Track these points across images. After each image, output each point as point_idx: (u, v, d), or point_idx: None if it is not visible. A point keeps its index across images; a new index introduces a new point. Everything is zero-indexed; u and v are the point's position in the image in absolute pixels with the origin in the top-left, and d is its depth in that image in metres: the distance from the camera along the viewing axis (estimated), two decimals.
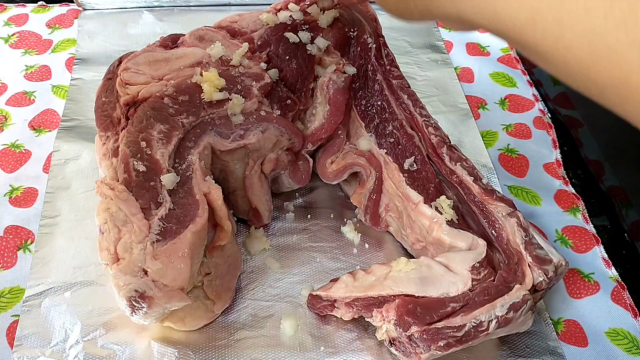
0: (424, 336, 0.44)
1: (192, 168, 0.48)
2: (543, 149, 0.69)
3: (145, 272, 0.43)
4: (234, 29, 0.59)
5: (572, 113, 0.70)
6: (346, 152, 0.57)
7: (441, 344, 0.44)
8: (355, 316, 0.49)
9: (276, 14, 0.58)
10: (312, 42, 0.56)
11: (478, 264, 0.47)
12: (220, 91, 0.50)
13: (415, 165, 0.54)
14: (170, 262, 0.43)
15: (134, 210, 0.44)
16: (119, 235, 0.44)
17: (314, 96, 0.57)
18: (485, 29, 0.32)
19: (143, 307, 0.43)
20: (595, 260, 0.59)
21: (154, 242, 0.43)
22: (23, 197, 0.59)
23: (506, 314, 0.45)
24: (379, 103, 0.57)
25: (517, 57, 0.79)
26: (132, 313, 0.44)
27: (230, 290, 0.51)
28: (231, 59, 0.53)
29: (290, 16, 0.57)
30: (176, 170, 0.47)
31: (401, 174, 0.53)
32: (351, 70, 0.57)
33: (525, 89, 0.75)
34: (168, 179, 0.46)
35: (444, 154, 0.54)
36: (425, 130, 0.55)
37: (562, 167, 0.67)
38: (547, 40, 0.28)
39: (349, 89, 0.56)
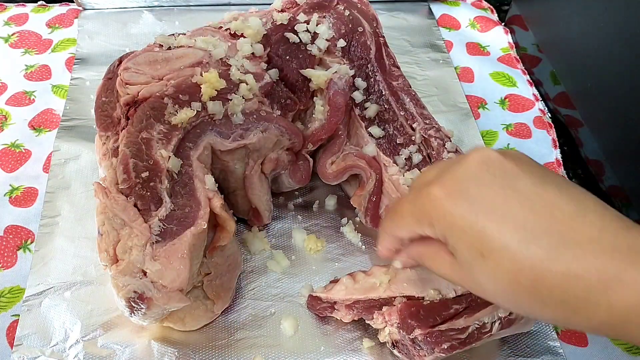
0: (428, 339, 0.44)
1: (192, 169, 0.48)
2: (543, 148, 0.69)
3: (145, 273, 0.43)
4: None
5: (572, 113, 0.70)
6: (346, 153, 0.56)
7: (445, 346, 0.44)
8: (356, 318, 0.49)
9: (280, 12, 0.58)
10: (312, 42, 0.56)
11: None
12: (217, 96, 0.50)
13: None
14: (169, 263, 0.43)
15: (132, 217, 0.44)
16: (117, 237, 0.44)
17: (314, 96, 0.57)
18: None
19: (142, 308, 0.43)
20: None
21: (153, 243, 0.43)
22: (23, 197, 0.59)
23: (509, 315, 0.45)
24: (380, 104, 0.57)
25: (517, 57, 0.79)
26: (131, 314, 0.44)
27: (230, 290, 0.51)
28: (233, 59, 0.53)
29: (291, 16, 0.57)
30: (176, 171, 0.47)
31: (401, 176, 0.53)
32: (351, 72, 0.56)
33: (525, 89, 0.75)
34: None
35: (445, 155, 0.54)
36: (426, 131, 0.55)
37: (562, 167, 0.67)
38: None
39: (349, 89, 0.56)
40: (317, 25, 0.57)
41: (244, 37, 0.55)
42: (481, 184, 0.33)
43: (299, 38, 0.56)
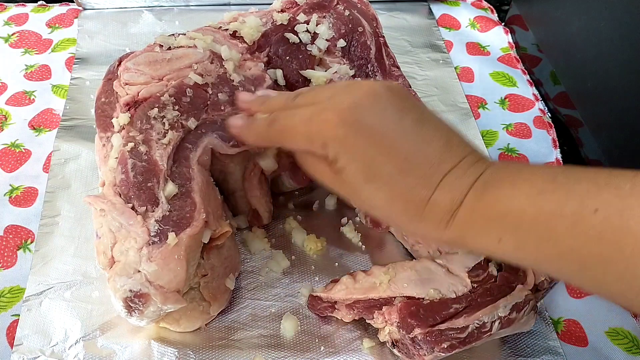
0: (428, 338, 0.44)
1: (191, 170, 0.48)
2: (543, 148, 0.69)
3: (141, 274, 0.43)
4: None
5: (572, 113, 0.70)
6: None
7: (445, 345, 0.44)
8: (356, 318, 0.49)
9: (280, 13, 0.58)
10: (312, 42, 0.56)
11: (477, 266, 0.47)
12: (222, 92, 0.50)
13: None
14: (166, 264, 0.43)
15: (129, 219, 0.44)
16: (114, 239, 0.44)
17: None
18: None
19: (139, 307, 0.43)
20: None
21: (149, 244, 0.43)
22: (23, 197, 0.59)
23: (509, 314, 0.45)
24: None
25: (517, 57, 0.79)
26: (128, 314, 0.44)
27: (227, 292, 0.51)
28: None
29: (291, 16, 0.57)
30: (174, 173, 0.47)
31: None
32: (351, 72, 0.56)
33: (525, 89, 0.75)
34: (168, 190, 0.46)
35: None
36: None
37: None
38: None
39: None
40: (317, 26, 0.57)
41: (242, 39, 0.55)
42: (373, 116, 0.38)
43: (299, 38, 0.56)
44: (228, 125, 0.48)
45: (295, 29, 0.56)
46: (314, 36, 0.57)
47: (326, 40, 0.56)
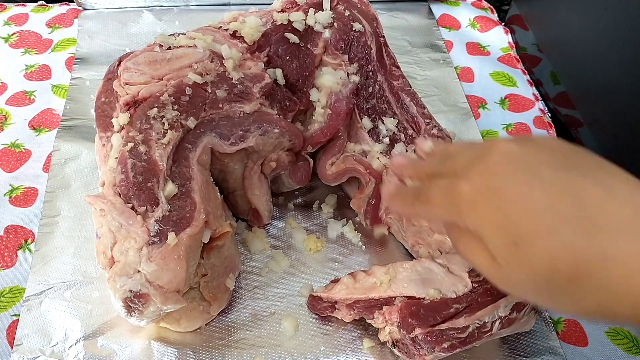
0: (428, 338, 0.44)
1: (191, 170, 0.48)
2: None
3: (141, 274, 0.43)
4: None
5: (572, 113, 0.70)
6: (347, 156, 0.56)
7: (445, 345, 0.44)
8: (356, 317, 0.49)
9: (280, 13, 0.58)
10: (308, 31, 0.56)
11: None
12: (220, 89, 0.50)
13: None
14: (165, 264, 0.43)
15: (129, 219, 0.44)
16: (114, 239, 0.44)
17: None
18: None
19: (139, 307, 0.43)
20: None
21: (149, 244, 0.43)
22: (23, 197, 0.59)
23: (509, 314, 0.45)
24: (380, 104, 0.57)
25: (517, 57, 0.79)
26: (128, 314, 0.44)
27: (227, 292, 0.51)
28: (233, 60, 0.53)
29: (289, 18, 0.57)
30: (174, 173, 0.47)
31: None
32: (356, 78, 0.56)
33: (525, 89, 0.75)
34: (168, 190, 0.46)
35: None
36: (429, 132, 0.55)
37: None
38: None
39: (353, 95, 0.56)
40: (315, 14, 0.57)
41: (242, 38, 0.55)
42: (505, 176, 0.34)
43: (297, 34, 0.56)
44: (381, 191, 0.50)
45: (290, 18, 0.56)
46: (309, 29, 0.56)
47: (324, 28, 0.56)
